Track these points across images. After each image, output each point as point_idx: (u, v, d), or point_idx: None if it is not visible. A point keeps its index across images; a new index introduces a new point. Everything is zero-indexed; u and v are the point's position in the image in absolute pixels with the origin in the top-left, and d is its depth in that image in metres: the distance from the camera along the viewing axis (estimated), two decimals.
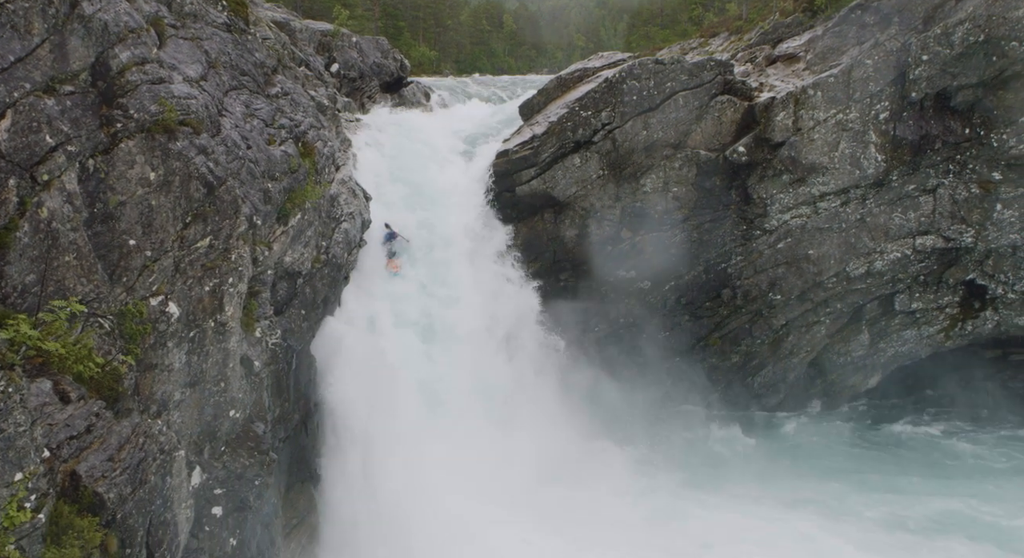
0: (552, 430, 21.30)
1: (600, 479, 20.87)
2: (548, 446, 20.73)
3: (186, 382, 12.10)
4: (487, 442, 19.71)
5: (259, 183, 14.51)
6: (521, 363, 22.13)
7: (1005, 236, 23.68)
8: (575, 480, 20.56)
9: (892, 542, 18.79)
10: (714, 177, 24.15)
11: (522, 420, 20.91)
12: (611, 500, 20.25)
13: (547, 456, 20.51)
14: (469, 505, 17.85)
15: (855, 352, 25.66)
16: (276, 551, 14.59)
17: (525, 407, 21.30)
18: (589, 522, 19.02)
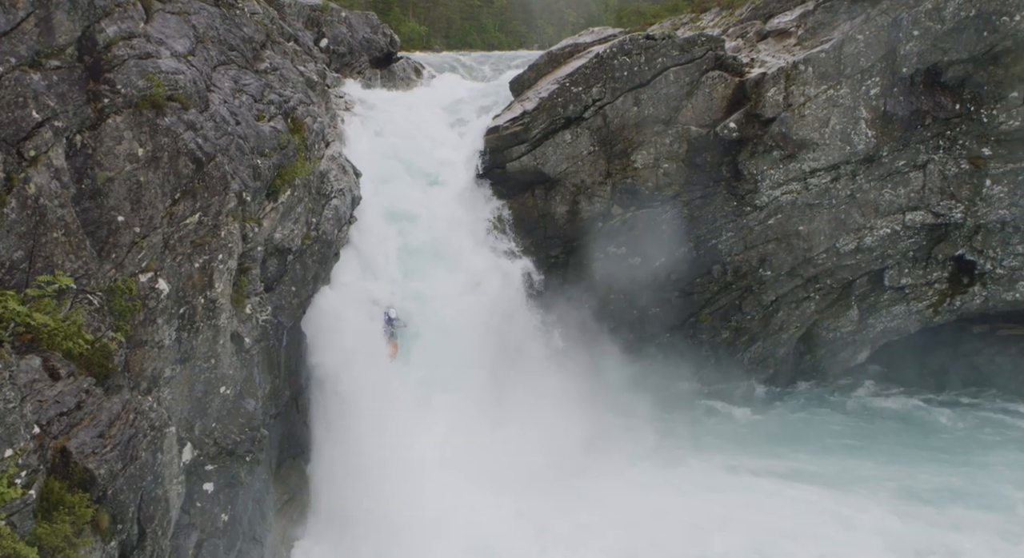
0: (544, 404, 21.36)
1: (593, 452, 20.99)
2: (541, 420, 20.79)
3: (176, 359, 12.09)
4: (480, 417, 19.78)
5: (248, 159, 14.44)
6: (512, 337, 22.17)
7: (994, 211, 23.78)
8: (568, 451, 20.66)
9: (910, 512, 19.02)
10: (705, 153, 24.11)
11: (514, 395, 20.98)
12: (606, 474, 20.35)
13: (540, 430, 20.58)
14: (461, 480, 17.98)
15: (844, 328, 25.79)
16: (268, 526, 14.67)
17: (517, 382, 21.36)
18: (584, 497, 19.17)
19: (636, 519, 18.49)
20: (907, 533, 18.05)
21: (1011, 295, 24.60)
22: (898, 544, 17.62)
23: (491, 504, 18.24)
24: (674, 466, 21.52)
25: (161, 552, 10.12)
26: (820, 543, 17.64)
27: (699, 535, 18.02)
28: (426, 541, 16.60)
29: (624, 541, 17.71)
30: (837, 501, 19.51)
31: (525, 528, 18.01)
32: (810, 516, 18.86)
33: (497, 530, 17.58)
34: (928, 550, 17.44)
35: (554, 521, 18.38)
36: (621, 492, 19.78)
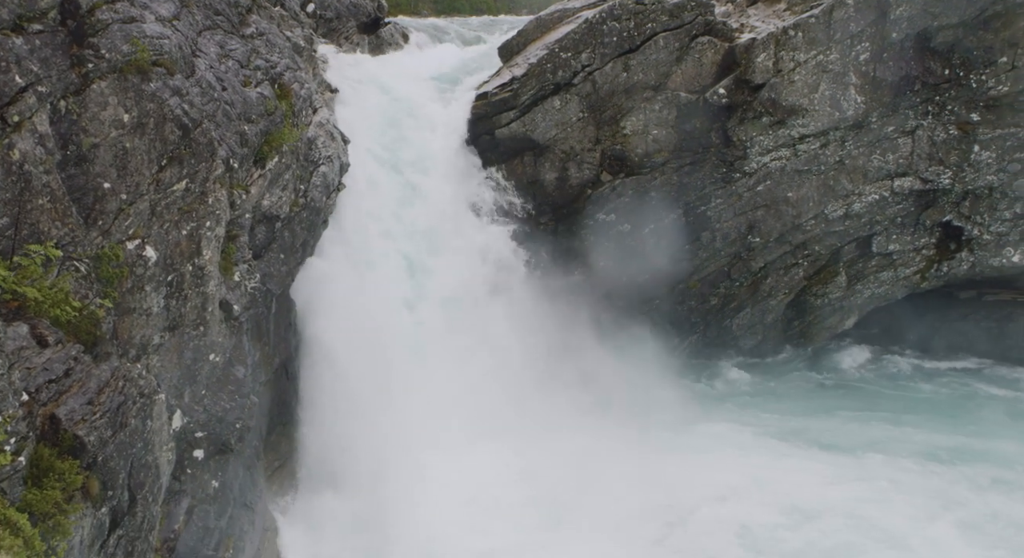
0: (538, 373, 21.48)
1: (585, 421, 21.10)
2: (535, 388, 20.92)
3: (165, 326, 12.07)
4: (471, 382, 19.88)
5: (235, 125, 14.34)
6: (504, 305, 22.23)
7: (982, 177, 23.85)
8: (562, 421, 20.76)
9: (933, 470, 19.44)
10: (694, 119, 24.05)
11: (506, 361, 21.07)
12: (600, 442, 20.47)
13: (533, 397, 20.71)
14: (451, 446, 18.11)
15: (832, 294, 25.89)
16: (259, 493, 14.74)
17: (510, 348, 21.44)
18: (581, 464, 19.31)
19: (626, 484, 18.66)
20: (932, 489, 18.49)
21: (998, 261, 24.73)
22: (931, 503, 17.98)
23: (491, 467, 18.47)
24: (684, 431, 21.62)
25: (152, 518, 10.16)
26: (855, 504, 17.88)
27: (731, 500, 18.23)
28: (418, 503, 16.76)
29: (643, 502, 17.88)
30: (859, 462, 19.80)
31: (524, 484, 18.17)
32: (838, 478, 19.08)
33: (498, 492, 17.77)
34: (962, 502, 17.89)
35: (556, 477, 18.54)
36: (608, 450, 19.96)
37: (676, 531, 17.31)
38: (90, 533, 8.90)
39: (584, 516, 17.31)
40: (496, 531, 16.87)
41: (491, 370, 20.63)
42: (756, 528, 17.28)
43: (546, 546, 16.39)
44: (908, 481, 18.97)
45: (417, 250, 20.80)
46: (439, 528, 16.70)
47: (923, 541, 16.72)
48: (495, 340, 21.41)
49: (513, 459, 18.92)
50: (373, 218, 20.18)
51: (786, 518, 17.54)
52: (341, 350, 17.22)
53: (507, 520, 17.21)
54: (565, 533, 16.85)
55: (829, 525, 17.29)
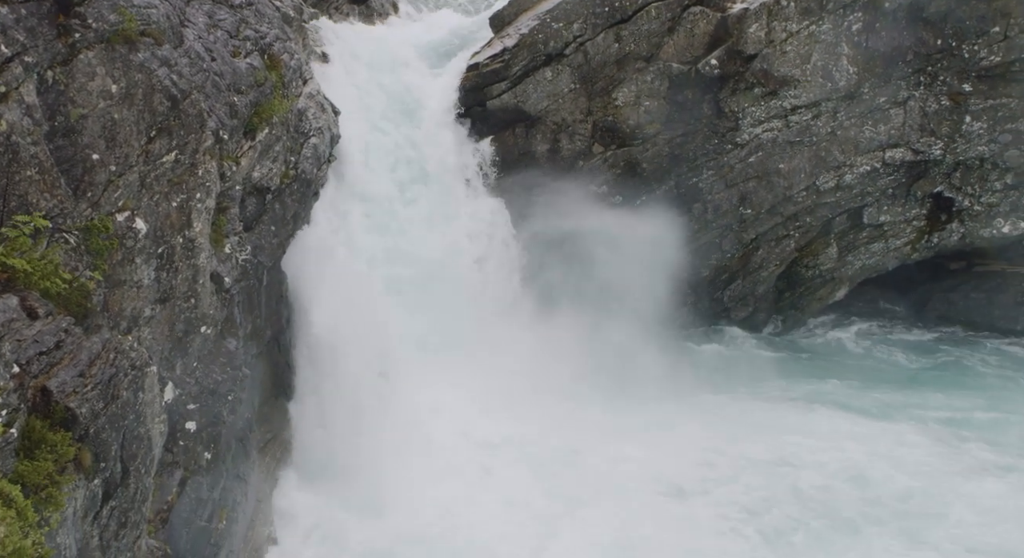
0: (531, 342, 21.53)
1: (583, 392, 21.19)
2: (529, 358, 20.99)
3: (156, 298, 12.05)
4: (464, 355, 19.93)
5: (225, 97, 14.24)
6: (496, 276, 22.23)
7: (973, 148, 23.88)
8: (559, 390, 20.84)
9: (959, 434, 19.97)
10: (686, 91, 23.96)
11: (496, 333, 21.12)
12: (600, 410, 20.60)
13: (529, 368, 20.77)
14: (443, 417, 18.20)
15: (824, 265, 25.97)
16: (251, 464, 14.78)
17: (500, 320, 21.49)
18: (584, 430, 19.43)
19: (630, 447, 18.82)
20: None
21: (988, 231, 24.82)
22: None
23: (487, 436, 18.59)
24: (663, 398, 21.77)
25: (145, 490, 10.18)
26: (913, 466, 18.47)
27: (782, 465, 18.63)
28: (414, 476, 16.86)
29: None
30: (895, 429, 20.26)
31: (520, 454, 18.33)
32: (881, 443, 19.50)
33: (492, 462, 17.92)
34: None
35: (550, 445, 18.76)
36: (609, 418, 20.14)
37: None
38: (83, 504, 8.92)
39: (584, 488, 17.43)
40: (494, 505, 17.02)
41: (486, 342, 20.67)
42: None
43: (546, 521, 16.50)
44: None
45: (408, 221, 20.74)
46: (436, 501, 16.82)
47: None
48: (488, 313, 21.44)
49: (509, 428, 19.03)
50: (363, 190, 20.10)
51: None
52: (333, 323, 17.21)
53: (505, 494, 17.35)
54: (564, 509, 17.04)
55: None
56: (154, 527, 11.52)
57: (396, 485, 16.71)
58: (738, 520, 16.82)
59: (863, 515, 16.90)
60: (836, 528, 16.54)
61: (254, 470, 15.06)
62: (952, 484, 17.84)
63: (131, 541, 10.08)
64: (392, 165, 21.42)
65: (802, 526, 16.61)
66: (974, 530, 16.32)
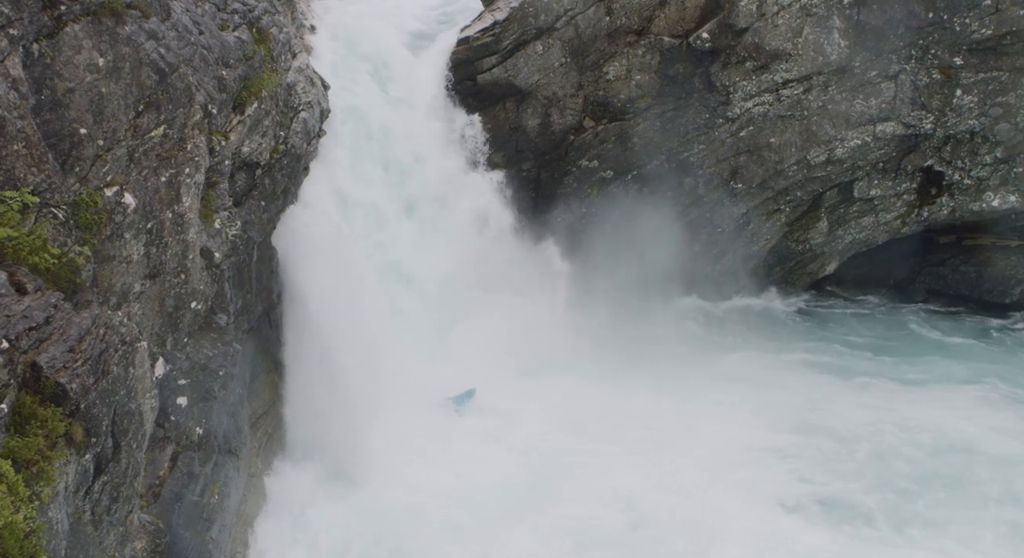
0: (522, 317, 21.55)
1: (572, 363, 21.26)
2: (520, 331, 21.01)
3: (145, 274, 12.01)
4: (455, 330, 19.95)
5: (213, 70, 14.14)
6: (488, 250, 22.23)
7: (964, 122, 23.88)
8: (550, 363, 20.91)
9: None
10: (677, 64, 23.89)
11: (490, 306, 21.13)
12: (588, 381, 20.74)
13: (519, 341, 20.81)
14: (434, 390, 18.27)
15: (814, 239, 26.02)
16: (243, 439, 14.80)
17: (492, 294, 21.49)
18: (569, 399, 19.55)
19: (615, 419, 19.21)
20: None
21: (977, 205, 24.89)
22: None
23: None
24: (653, 369, 21.93)
25: (136, 465, 10.20)
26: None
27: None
28: (402, 450, 16.93)
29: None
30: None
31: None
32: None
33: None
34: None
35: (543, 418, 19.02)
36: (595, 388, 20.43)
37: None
38: (75, 479, 8.93)
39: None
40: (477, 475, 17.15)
41: (476, 314, 20.71)
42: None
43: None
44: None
45: (398, 197, 20.67)
46: (422, 474, 16.91)
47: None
48: (479, 286, 21.45)
49: (497, 399, 19.14)
50: (353, 166, 20.01)
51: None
52: (323, 298, 17.19)
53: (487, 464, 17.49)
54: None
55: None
56: (146, 502, 11.55)
57: (385, 459, 16.78)
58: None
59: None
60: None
61: (246, 445, 15.08)
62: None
63: (123, 515, 10.11)
64: (378, 142, 21.26)
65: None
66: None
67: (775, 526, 15.81)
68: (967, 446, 18.66)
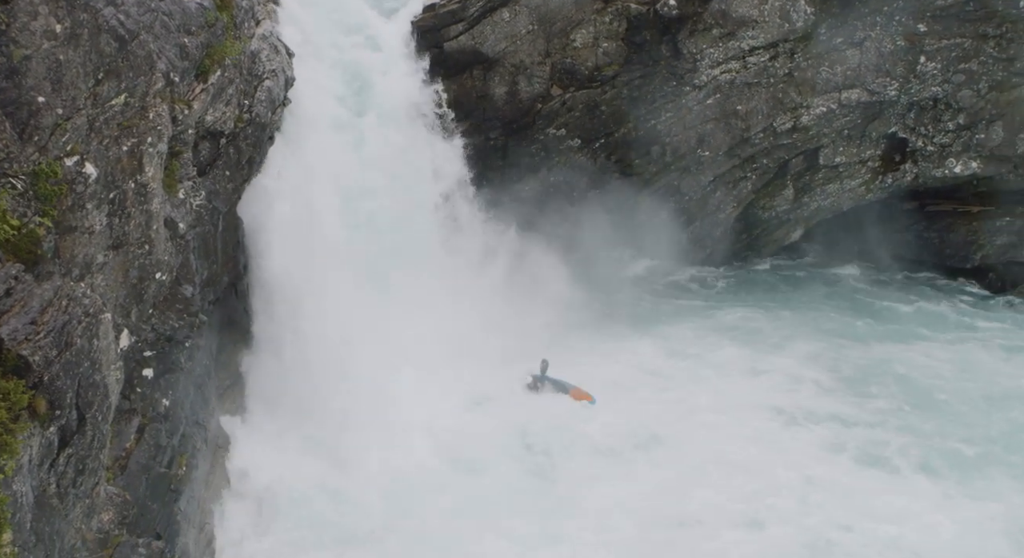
0: (488, 289, 21.57)
1: (539, 330, 21.34)
2: (483, 301, 21.02)
3: (108, 245, 11.86)
4: (421, 301, 19.89)
5: (175, 38, 13.92)
6: (452, 220, 22.16)
7: (927, 89, 24.09)
8: (515, 330, 20.96)
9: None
10: (644, 32, 23.84)
11: (456, 277, 21.12)
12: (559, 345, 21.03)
13: (482, 310, 20.82)
14: (401, 364, 18.24)
15: (780, 207, 26.19)
16: (210, 411, 14.78)
17: (457, 265, 21.46)
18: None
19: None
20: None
21: (940, 172, 25.16)
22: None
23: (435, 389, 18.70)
24: (621, 332, 22.55)
25: (102, 437, 10.15)
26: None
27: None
28: (365, 419, 16.95)
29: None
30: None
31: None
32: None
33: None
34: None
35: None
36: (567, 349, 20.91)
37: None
38: (39, 452, 8.89)
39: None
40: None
41: (442, 286, 20.67)
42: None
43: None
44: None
45: (361, 166, 20.46)
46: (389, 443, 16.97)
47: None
48: (445, 256, 21.40)
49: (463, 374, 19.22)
50: (318, 136, 19.77)
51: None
52: (289, 268, 17.09)
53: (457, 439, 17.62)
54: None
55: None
56: (113, 474, 11.51)
57: (355, 435, 16.80)
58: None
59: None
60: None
61: (214, 416, 15.07)
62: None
63: (89, 488, 10.08)
64: (343, 111, 21.01)
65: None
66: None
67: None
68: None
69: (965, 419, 19.17)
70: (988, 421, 19.13)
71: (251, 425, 17.03)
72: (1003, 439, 18.50)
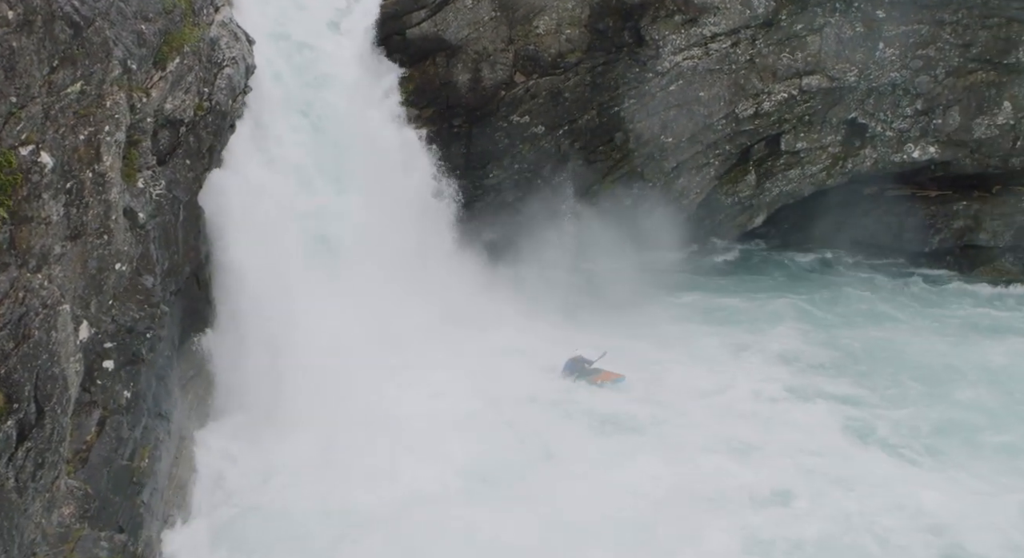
0: (449, 276, 21.53)
1: (499, 321, 21.35)
2: (446, 292, 20.98)
3: (66, 235, 11.69)
4: (383, 289, 19.84)
5: (131, 24, 13.75)
6: (416, 209, 22.07)
7: (886, 74, 24.38)
8: (474, 323, 20.94)
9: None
10: (607, 18, 23.90)
11: (416, 264, 21.06)
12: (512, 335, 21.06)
13: (445, 302, 20.79)
14: (363, 349, 18.18)
15: (743, 192, 26.38)
16: (173, 402, 14.65)
17: (419, 252, 21.40)
18: (489, 353, 19.82)
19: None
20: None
21: (899, 157, 25.49)
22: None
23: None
24: (585, 319, 22.72)
25: (62, 430, 10.04)
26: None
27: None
28: (327, 407, 16.89)
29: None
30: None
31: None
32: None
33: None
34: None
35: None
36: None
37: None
38: None
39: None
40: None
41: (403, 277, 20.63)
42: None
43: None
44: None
45: (325, 155, 20.32)
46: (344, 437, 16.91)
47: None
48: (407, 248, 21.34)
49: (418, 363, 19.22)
50: (279, 123, 19.62)
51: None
52: (250, 258, 16.96)
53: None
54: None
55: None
56: (73, 467, 11.38)
57: (310, 427, 16.72)
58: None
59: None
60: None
61: (177, 407, 14.92)
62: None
63: (49, 481, 9.97)
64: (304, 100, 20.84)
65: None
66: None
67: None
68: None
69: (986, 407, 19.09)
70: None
71: (216, 415, 16.92)
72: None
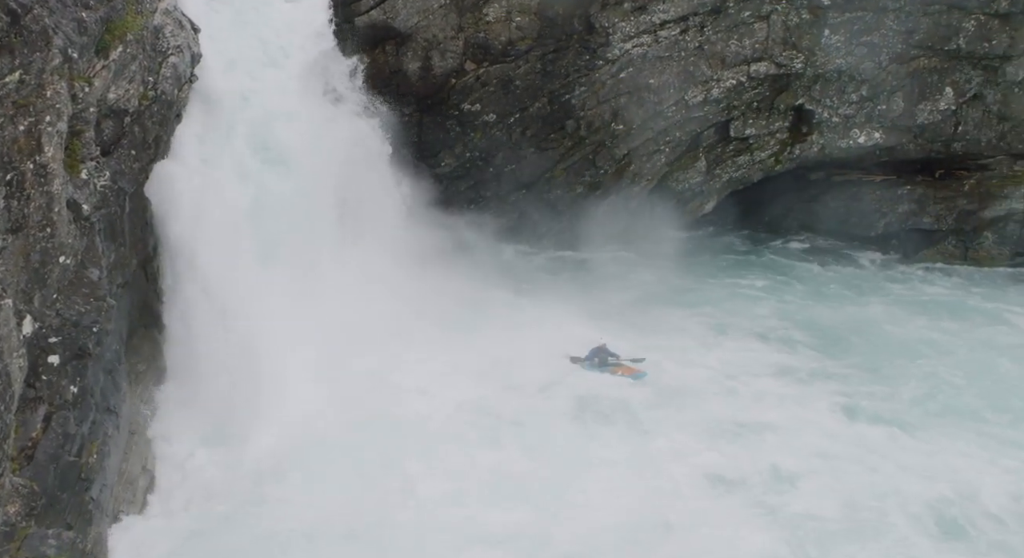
0: (397, 265, 21.45)
1: (444, 308, 21.32)
2: (395, 280, 20.92)
3: (7, 228, 11.47)
4: (332, 279, 19.73)
5: (72, 12, 13.47)
6: (365, 201, 21.94)
7: (832, 61, 24.72)
8: (420, 310, 20.89)
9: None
10: (557, 6, 23.95)
11: (366, 256, 20.96)
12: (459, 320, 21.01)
13: (393, 289, 20.72)
14: (316, 341, 18.08)
15: (693, 179, 26.57)
16: (122, 397, 14.44)
17: (369, 245, 21.30)
18: (438, 341, 19.88)
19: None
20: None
21: (845, 142, 25.86)
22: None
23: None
24: (540, 308, 22.48)
25: (5, 427, 9.88)
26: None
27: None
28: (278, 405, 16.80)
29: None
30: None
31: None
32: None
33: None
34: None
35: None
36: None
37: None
38: None
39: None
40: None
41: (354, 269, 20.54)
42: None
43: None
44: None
45: (273, 144, 20.10)
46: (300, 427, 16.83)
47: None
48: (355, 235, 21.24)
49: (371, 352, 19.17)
50: (226, 113, 19.35)
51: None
52: (198, 249, 16.76)
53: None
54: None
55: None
56: (19, 465, 11.19)
57: (265, 419, 16.62)
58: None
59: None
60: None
61: (126, 402, 14.71)
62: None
63: None
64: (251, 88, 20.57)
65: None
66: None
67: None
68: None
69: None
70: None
71: (166, 408, 16.72)
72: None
